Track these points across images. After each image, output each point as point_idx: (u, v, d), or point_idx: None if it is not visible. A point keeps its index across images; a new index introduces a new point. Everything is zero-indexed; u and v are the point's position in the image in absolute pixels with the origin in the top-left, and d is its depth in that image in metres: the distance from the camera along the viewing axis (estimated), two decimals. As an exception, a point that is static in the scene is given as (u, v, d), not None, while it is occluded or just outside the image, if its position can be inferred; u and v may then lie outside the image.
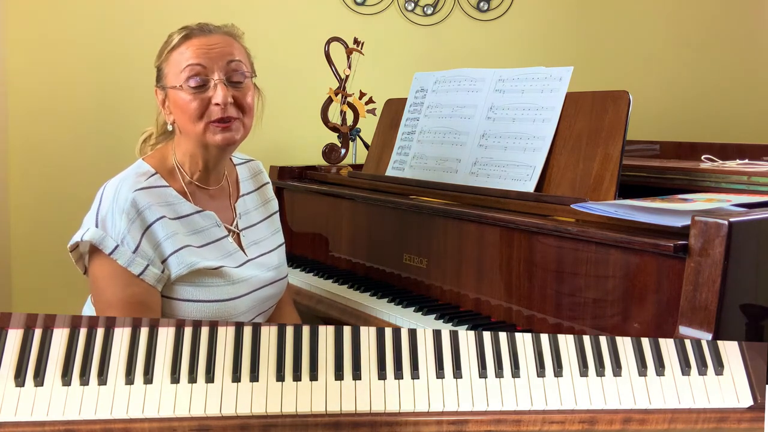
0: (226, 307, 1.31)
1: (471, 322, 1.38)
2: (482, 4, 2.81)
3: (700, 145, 1.92)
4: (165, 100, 1.33)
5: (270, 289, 1.42)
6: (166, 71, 1.32)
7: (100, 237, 1.22)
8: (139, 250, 1.23)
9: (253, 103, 1.34)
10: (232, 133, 1.29)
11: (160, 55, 1.34)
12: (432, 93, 1.83)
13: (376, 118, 2.05)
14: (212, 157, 1.34)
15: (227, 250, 1.36)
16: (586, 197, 1.37)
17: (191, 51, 1.29)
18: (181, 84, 1.28)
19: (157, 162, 1.34)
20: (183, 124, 1.31)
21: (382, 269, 1.71)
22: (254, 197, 1.49)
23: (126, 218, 1.23)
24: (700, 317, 1.05)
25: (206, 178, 1.37)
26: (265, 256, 1.44)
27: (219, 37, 1.32)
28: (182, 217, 1.31)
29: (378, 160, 1.94)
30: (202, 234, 1.33)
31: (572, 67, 1.52)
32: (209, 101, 1.27)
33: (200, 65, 1.27)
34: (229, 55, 1.30)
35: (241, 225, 1.42)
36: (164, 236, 1.26)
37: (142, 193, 1.26)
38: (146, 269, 1.24)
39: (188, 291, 1.29)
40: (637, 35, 2.89)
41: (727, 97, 2.86)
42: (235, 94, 1.29)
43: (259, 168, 1.55)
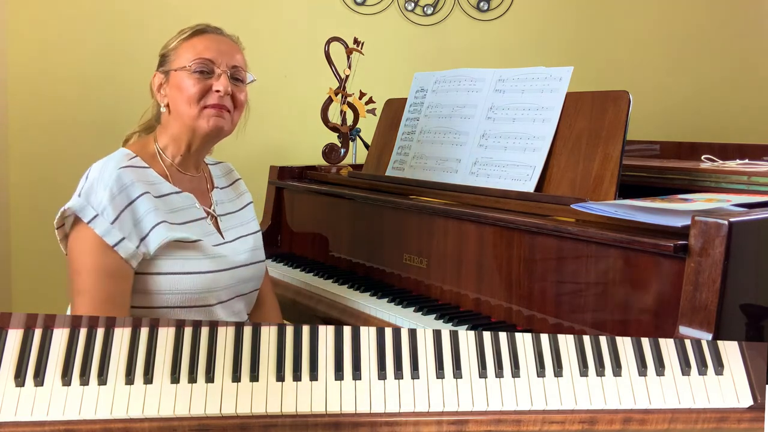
0: (205, 279, 1.34)
1: (471, 322, 1.38)
2: (482, 4, 2.81)
3: (700, 145, 1.92)
4: (162, 85, 1.40)
5: (248, 270, 1.45)
6: (173, 57, 1.39)
7: (80, 206, 1.26)
8: (117, 222, 1.27)
9: (244, 104, 1.43)
10: (224, 121, 1.38)
11: (168, 44, 1.42)
12: (432, 93, 1.83)
13: (376, 118, 2.05)
14: (196, 143, 1.40)
15: (205, 230, 1.40)
16: (586, 197, 1.37)
17: (203, 44, 1.38)
18: (187, 65, 1.36)
19: (138, 148, 1.40)
20: (178, 106, 1.37)
21: (382, 269, 1.71)
22: (228, 191, 1.55)
23: (109, 192, 1.27)
24: (700, 317, 1.05)
25: (186, 162, 1.43)
26: (242, 239, 1.48)
27: (229, 42, 1.43)
28: (162, 196, 1.35)
29: (378, 160, 1.94)
30: (180, 213, 1.37)
31: (572, 67, 1.52)
32: (210, 88, 1.36)
33: (210, 59, 1.37)
34: (235, 58, 1.41)
35: (218, 211, 1.48)
36: (145, 211, 1.30)
37: (126, 171, 1.31)
38: (121, 241, 1.26)
39: (168, 264, 1.31)
40: (637, 35, 2.89)
41: (727, 97, 2.86)
42: (233, 89, 1.38)
43: (231, 167, 1.63)
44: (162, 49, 1.42)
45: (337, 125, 2.17)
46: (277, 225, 2.11)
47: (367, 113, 2.14)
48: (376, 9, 2.76)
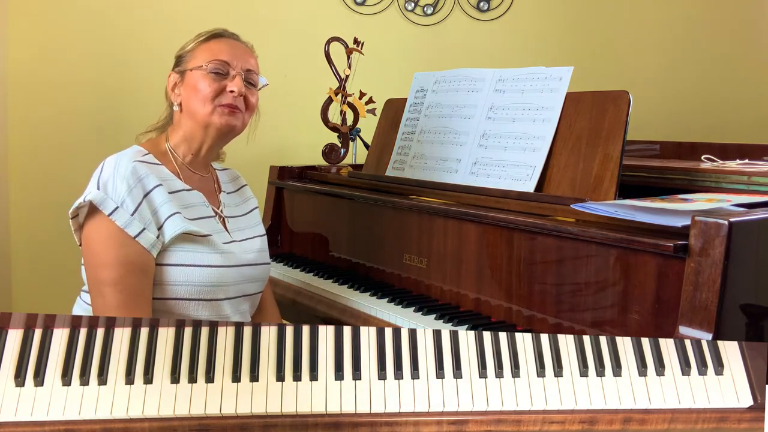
0: (215, 273, 1.35)
1: (471, 322, 1.38)
2: (482, 4, 2.81)
3: (700, 145, 1.92)
4: (177, 84, 1.44)
5: (254, 270, 1.47)
6: (189, 57, 1.43)
7: (101, 198, 1.28)
8: (136, 213, 1.29)
9: (255, 107, 1.47)
10: (236, 119, 1.42)
11: (185, 46, 1.46)
12: (432, 93, 1.83)
13: (376, 118, 2.05)
14: (208, 141, 1.43)
15: (214, 228, 1.42)
16: (586, 197, 1.37)
17: (220, 47, 1.43)
18: (204, 65, 1.40)
19: (150, 146, 1.43)
20: (191, 104, 1.41)
21: (382, 269, 1.71)
22: (234, 196, 1.57)
23: (126, 183, 1.30)
24: (700, 317, 1.05)
25: (196, 162, 1.46)
26: (249, 240, 1.50)
27: (244, 47, 1.48)
28: (174, 192, 1.37)
29: (378, 160, 1.94)
30: (192, 209, 1.39)
31: (572, 67, 1.52)
32: (224, 88, 1.40)
33: (225, 61, 1.41)
34: (249, 62, 1.46)
35: (225, 213, 1.49)
36: (161, 202, 1.33)
37: (140, 164, 1.34)
38: (142, 232, 1.29)
39: (179, 256, 1.33)
40: (636, 35, 2.89)
41: (727, 96, 2.86)
42: (246, 92, 1.43)
43: (237, 174, 1.65)
44: (179, 51, 1.46)
45: (337, 125, 2.17)
46: (277, 225, 2.11)
47: (367, 113, 2.14)
48: (376, 9, 2.76)
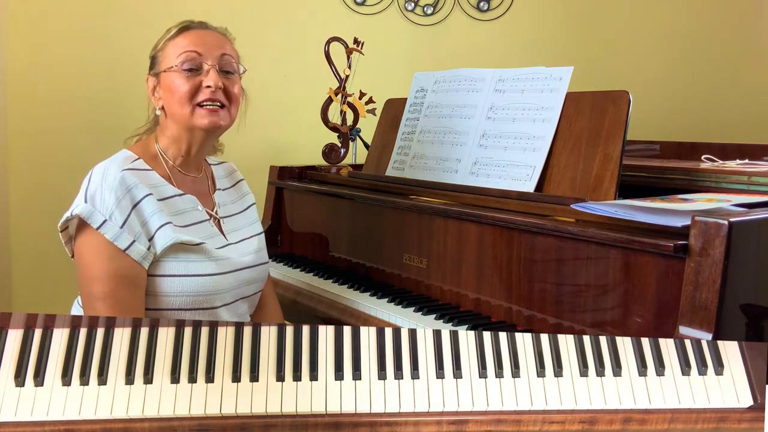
0: (210, 282, 1.33)
1: (471, 322, 1.38)
2: (482, 4, 2.81)
3: (700, 145, 1.92)
4: (156, 87, 1.39)
5: (251, 272, 1.45)
6: (161, 58, 1.38)
7: (88, 212, 1.26)
8: (126, 226, 1.26)
9: (240, 96, 1.41)
10: (219, 118, 1.35)
11: (156, 45, 1.41)
12: (432, 93, 1.83)
13: (376, 118, 2.05)
14: (196, 142, 1.39)
15: (208, 232, 1.39)
16: (586, 197, 1.37)
17: (188, 40, 1.36)
18: (175, 65, 1.34)
19: (140, 150, 1.39)
20: (171, 107, 1.36)
21: (382, 269, 1.71)
22: (231, 192, 1.54)
23: (114, 195, 1.26)
24: (700, 317, 1.05)
25: (187, 163, 1.42)
26: (245, 241, 1.47)
27: (215, 34, 1.40)
28: (165, 198, 1.34)
29: (378, 160, 1.94)
30: (184, 215, 1.36)
31: (572, 67, 1.52)
32: (200, 84, 1.34)
33: (196, 52, 1.35)
34: (222, 48, 1.38)
35: (220, 213, 1.47)
36: (151, 212, 1.29)
37: (129, 173, 1.30)
38: (132, 244, 1.27)
39: (173, 266, 1.31)
40: (636, 35, 2.89)
41: (727, 96, 2.86)
42: (225, 82, 1.36)
43: (233, 167, 1.61)
44: (151, 51, 1.41)
45: (337, 125, 2.16)
46: (277, 225, 2.11)
47: (367, 113, 2.14)
48: (376, 9, 2.76)
